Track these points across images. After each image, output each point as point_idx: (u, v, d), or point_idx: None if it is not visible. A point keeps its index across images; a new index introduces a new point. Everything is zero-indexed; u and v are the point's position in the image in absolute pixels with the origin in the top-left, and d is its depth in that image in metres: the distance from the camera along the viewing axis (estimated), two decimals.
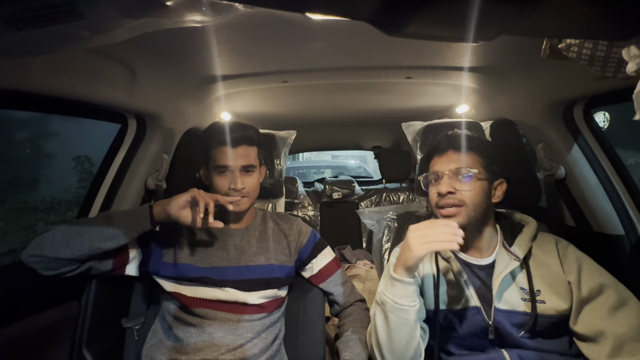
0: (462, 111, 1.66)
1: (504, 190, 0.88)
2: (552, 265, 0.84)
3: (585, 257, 0.85)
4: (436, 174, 0.88)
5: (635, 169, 4.08)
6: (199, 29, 0.77)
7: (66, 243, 0.80)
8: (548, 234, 0.93)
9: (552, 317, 0.80)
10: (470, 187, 0.83)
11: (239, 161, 0.93)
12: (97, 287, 1.01)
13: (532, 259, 0.86)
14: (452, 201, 0.84)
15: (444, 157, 0.88)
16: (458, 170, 0.85)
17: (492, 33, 0.41)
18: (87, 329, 0.98)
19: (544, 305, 0.81)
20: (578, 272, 0.81)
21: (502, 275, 0.83)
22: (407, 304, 0.77)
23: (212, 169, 0.95)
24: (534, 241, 0.88)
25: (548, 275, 0.83)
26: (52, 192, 5.59)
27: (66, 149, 5.74)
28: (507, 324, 0.81)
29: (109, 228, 0.82)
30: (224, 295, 0.92)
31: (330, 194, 2.38)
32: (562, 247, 0.87)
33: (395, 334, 0.78)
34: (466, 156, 0.86)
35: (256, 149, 0.98)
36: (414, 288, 0.78)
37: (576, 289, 0.80)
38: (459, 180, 0.84)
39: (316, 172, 5.33)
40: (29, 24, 0.54)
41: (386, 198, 2.43)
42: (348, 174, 3.77)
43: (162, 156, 1.33)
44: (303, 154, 7.18)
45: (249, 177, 0.95)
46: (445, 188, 0.84)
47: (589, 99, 1.08)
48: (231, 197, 0.92)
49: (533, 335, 0.81)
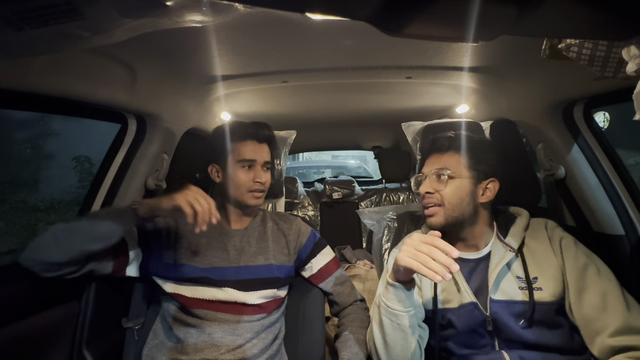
0: (462, 111, 1.66)
1: (496, 189, 0.88)
2: (544, 249, 0.86)
3: (567, 237, 0.87)
4: (422, 175, 0.93)
5: (635, 169, 4.07)
6: (199, 29, 0.77)
7: (56, 246, 0.79)
8: (539, 219, 0.94)
9: (550, 304, 0.81)
10: (448, 187, 0.86)
11: (262, 157, 0.97)
12: (97, 287, 1.01)
13: (526, 248, 0.87)
14: (431, 201, 0.88)
15: (429, 159, 0.93)
16: (437, 171, 0.88)
17: (492, 33, 0.41)
18: (87, 329, 0.98)
19: (542, 293, 0.81)
20: (562, 256, 0.84)
21: (498, 268, 0.84)
22: (400, 309, 0.76)
23: (234, 163, 0.95)
24: (526, 231, 0.90)
25: (542, 261, 0.85)
26: (52, 192, 5.58)
27: (66, 149, 5.74)
28: (505, 315, 0.82)
29: (95, 228, 0.80)
30: (224, 295, 0.92)
31: (330, 194, 2.38)
32: (550, 228, 0.90)
33: (389, 337, 0.78)
34: (448, 157, 0.89)
35: (271, 149, 1.02)
36: (407, 293, 0.76)
37: (563, 274, 0.83)
38: (438, 181, 0.87)
39: (316, 172, 5.32)
40: (29, 24, 0.54)
41: (386, 198, 2.43)
42: (348, 174, 3.77)
43: (162, 156, 1.33)
44: (303, 154, 7.18)
45: (267, 174, 0.99)
46: (423, 188, 0.89)
47: (589, 99, 1.08)
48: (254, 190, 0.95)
49: (531, 325, 0.81)
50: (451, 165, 0.87)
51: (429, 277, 0.66)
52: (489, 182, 0.88)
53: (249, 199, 0.95)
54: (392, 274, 0.78)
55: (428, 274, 0.66)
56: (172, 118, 1.30)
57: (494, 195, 0.88)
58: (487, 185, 0.88)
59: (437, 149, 0.91)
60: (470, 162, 0.87)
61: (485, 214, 0.90)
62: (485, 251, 0.89)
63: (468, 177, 0.86)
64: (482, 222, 0.90)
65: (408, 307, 0.76)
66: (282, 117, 1.83)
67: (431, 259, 0.67)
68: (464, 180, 0.86)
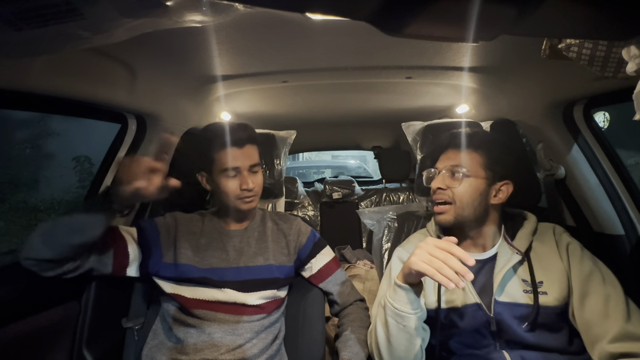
0: (462, 111, 1.66)
1: (509, 192, 0.87)
2: (552, 254, 0.85)
3: (573, 243, 0.86)
4: (435, 171, 0.91)
5: (635, 169, 4.08)
6: (199, 29, 0.77)
7: (44, 243, 0.77)
8: (546, 223, 0.93)
9: (554, 309, 0.81)
10: (461, 185, 0.84)
11: (246, 161, 0.93)
12: (97, 287, 1.01)
13: (533, 252, 0.86)
14: (442, 197, 0.86)
15: (444, 154, 0.90)
16: (452, 167, 0.86)
17: (492, 33, 0.41)
18: (87, 329, 0.98)
19: (546, 297, 0.81)
20: (568, 261, 0.83)
21: (504, 270, 0.83)
22: (408, 310, 0.75)
23: (218, 173, 0.92)
24: (534, 235, 0.89)
25: (548, 265, 0.84)
26: (52, 192, 5.59)
27: (66, 149, 5.74)
28: (509, 317, 0.81)
29: (73, 221, 0.77)
30: (223, 296, 0.92)
31: (330, 194, 2.38)
32: (557, 233, 0.89)
33: (394, 339, 0.77)
34: (465, 154, 0.86)
35: (257, 148, 0.98)
36: (415, 296, 0.75)
37: (569, 278, 0.82)
38: (452, 177, 0.86)
39: (316, 172, 5.32)
40: (28, 24, 0.53)
41: (386, 198, 2.43)
42: (348, 174, 3.77)
43: (162, 156, 1.33)
44: (303, 154, 7.18)
45: (256, 176, 0.95)
46: (436, 184, 0.87)
47: (589, 99, 1.08)
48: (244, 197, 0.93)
49: (534, 328, 0.81)
50: (467, 163, 0.85)
51: (443, 283, 0.64)
52: (503, 184, 0.86)
53: (240, 204, 0.93)
54: (401, 276, 0.76)
55: (442, 280, 0.64)
56: (172, 118, 1.30)
57: (507, 197, 0.87)
58: (501, 187, 0.86)
59: (454, 145, 0.89)
60: (487, 162, 0.85)
61: (495, 215, 0.89)
62: (492, 252, 0.89)
63: (483, 177, 0.85)
64: (490, 223, 0.89)
65: (416, 309, 0.75)
66: (282, 117, 1.83)
67: (446, 265, 0.65)
68: (479, 180, 0.85)
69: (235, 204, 0.94)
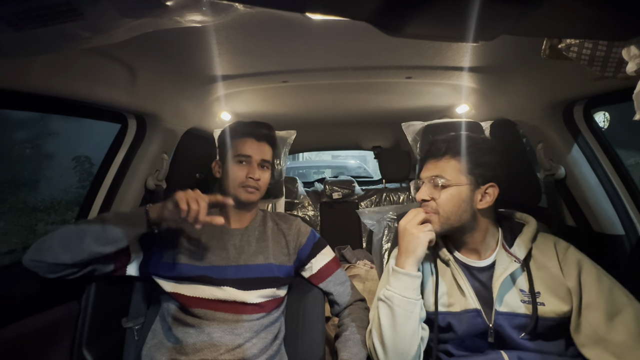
0: (462, 111, 1.66)
1: (496, 194, 0.84)
2: (552, 267, 0.84)
3: (585, 260, 0.84)
4: (420, 181, 0.90)
5: (635, 169, 4.07)
6: (199, 29, 0.77)
7: (64, 248, 0.80)
8: (547, 234, 0.91)
9: (552, 320, 0.80)
10: (442, 195, 0.84)
11: (259, 154, 0.98)
12: (97, 287, 1.01)
13: (532, 261, 0.85)
14: (427, 208, 0.86)
15: (426, 164, 0.90)
16: (432, 178, 0.86)
17: (492, 33, 0.41)
18: (87, 329, 0.98)
19: (544, 308, 0.80)
20: (578, 278, 0.81)
21: (502, 278, 0.82)
22: (414, 296, 0.81)
23: (230, 159, 0.98)
24: (533, 242, 0.87)
25: (547, 278, 0.83)
26: (52, 192, 5.58)
27: (66, 149, 5.74)
28: (508, 327, 0.81)
29: (107, 232, 0.82)
30: (223, 294, 0.92)
31: (330, 194, 2.38)
32: (561, 249, 0.86)
33: (401, 327, 0.79)
34: (443, 163, 0.85)
35: (272, 149, 1.03)
36: (419, 282, 0.83)
37: (576, 296, 0.80)
38: (434, 188, 0.85)
39: (316, 172, 5.32)
40: (28, 24, 0.53)
41: (386, 198, 2.43)
42: (348, 174, 3.77)
43: (162, 156, 1.33)
44: (303, 154, 7.18)
45: (264, 172, 1.00)
46: (419, 195, 0.87)
47: (589, 99, 1.08)
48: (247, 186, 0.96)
49: (533, 338, 0.81)
50: (446, 172, 0.84)
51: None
52: (488, 187, 0.84)
53: (241, 193, 0.96)
54: (405, 263, 0.83)
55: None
56: (172, 118, 1.30)
57: (494, 200, 0.85)
58: (486, 191, 0.84)
59: (432, 154, 0.88)
60: (467, 166, 0.83)
61: (486, 220, 0.87)
62: (490, 260, 0.87)
63: (465, 183, 0.83)
64: (482, 228, 0.87)
65: (419, 295, 0.83)
66: (282, 117, 1.83)
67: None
68: (460, 188, 0.83)
69: (237, 191, 0.96)
